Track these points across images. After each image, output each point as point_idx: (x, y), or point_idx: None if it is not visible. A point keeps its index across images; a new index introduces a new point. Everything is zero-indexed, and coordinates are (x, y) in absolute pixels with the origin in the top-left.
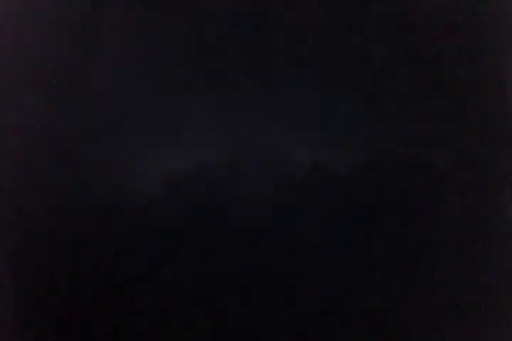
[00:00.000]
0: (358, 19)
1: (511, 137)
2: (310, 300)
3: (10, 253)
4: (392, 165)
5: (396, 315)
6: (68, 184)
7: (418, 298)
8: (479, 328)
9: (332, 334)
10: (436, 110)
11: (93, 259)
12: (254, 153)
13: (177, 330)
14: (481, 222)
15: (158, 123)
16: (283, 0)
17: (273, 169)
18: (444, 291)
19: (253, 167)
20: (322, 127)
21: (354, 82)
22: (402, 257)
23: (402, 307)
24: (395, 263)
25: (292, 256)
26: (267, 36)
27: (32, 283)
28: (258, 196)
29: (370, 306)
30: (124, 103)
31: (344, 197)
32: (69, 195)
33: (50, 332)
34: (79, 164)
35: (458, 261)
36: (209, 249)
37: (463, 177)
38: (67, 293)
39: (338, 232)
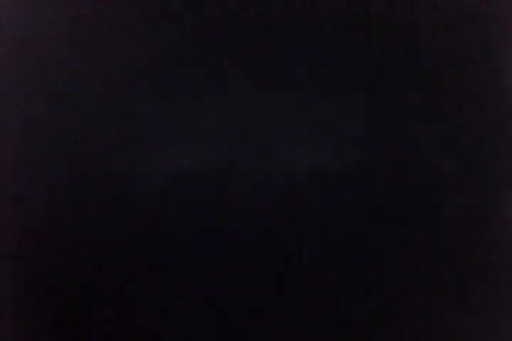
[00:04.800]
0: (356, 19)
1: (511, 137)
2: (309, 300)
3: (10, 253)
4: (392, 166)
5: (395, 315)
6: (68, 183)
7: (418, 298)
8: (479, 327)
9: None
10: (436, 111)
11: (93, 259)
12: (253, 156)
13: (177, 329)
14: (481, 222)
15: (158, 122)
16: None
17: (272, 171)
18: (444, 291)
19: (252, 169)
20: (321, 128)
21: (353, 83)
22: (402, 257)
23: (401, 306)
24: (395, 263)
25: (292, 259)
26: (265, 36)
27: (32, 283)
28: (257, 199)
29: (371, 306)
30: (125, 103)
31: (344, 199)
32: (69, 195)
33: (49, 332)
34: (79, 164)
35: (457, 261)
36: (208, 252)
37: (463, 177)
38: (67, 293)
39: (338, 234)
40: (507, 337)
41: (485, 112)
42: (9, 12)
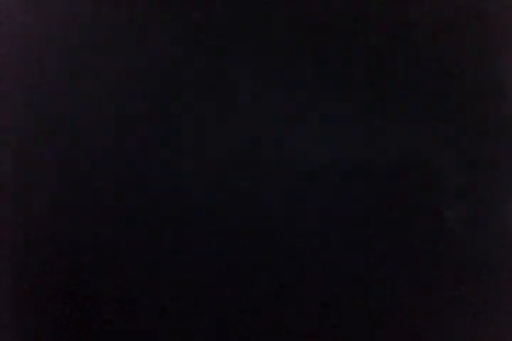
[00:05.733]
0: (360, 18)
1: (511, 137)
2: (310, 299)
3: (10, 253)
4: (392, 166)
5: (395, 314)
6: (68, 184)
7: (418, 297)
8: (479, 327)
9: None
10: (436, 110)
11: (93, 259)
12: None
13: (177, 329)
14: (481, 221)
15: (162, 122)
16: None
17: (281, 168)
18: (443, 291)
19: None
20: (323, 127)
21: (354, 83)
22: (402, 257)
23: (401, 306)
24: (395, 263)
25: (295, 255)
26: (268, 35)
27: (32, 283)
28: (267, 195)
29: (371, 306)
30: (125, 102)
31: (346, 197)
32: (69, 195)
33: (49, 332)
34: (79, 164)
35: (458, 261)
36: (212, 248)
37: (463, 177)
38: (68, 293)
39: (340, 232)
40: (507, 336)
41: (485, 112)
42: (9, 10)
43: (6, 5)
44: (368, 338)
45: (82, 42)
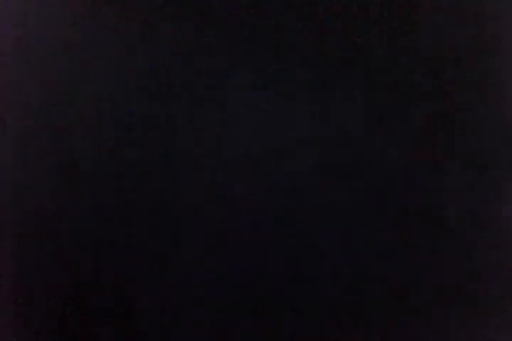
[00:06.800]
0: (360, 19)
1: (511, 137)
2: (313, 293)
3: (10, 253)
4: (392, 165)
5: (394, 314)
6: (67, 184)
7: (417, 295)
8: (479, 326)
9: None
10: (437, 110)
11: (93, 259)
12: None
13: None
14: (481, 221)
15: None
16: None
17: (274, 168)
18: (443, 290)
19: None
20: (321, 126)
21: (354, 82)
22: (401, 255)
23: (398, 305)
24: (394, 260)
25: (292, 256)
26: (267, 36)
27: (32, 283)
28: (259, 196)
29: (370, 303)
30: (122, 104)
31: (344, 194)
32: (69, 195)
33: (50, 332)
34: (78, 164)
35: (457, 260)
36: (210, 247)
37: (463, 176)
38: (67, 293)
39: (338, 231)
40: (508, 336)
41: (485, 112)
42: (9, 10)
43: (6, 5)
44: (368, 338)
45: (83, 42)
